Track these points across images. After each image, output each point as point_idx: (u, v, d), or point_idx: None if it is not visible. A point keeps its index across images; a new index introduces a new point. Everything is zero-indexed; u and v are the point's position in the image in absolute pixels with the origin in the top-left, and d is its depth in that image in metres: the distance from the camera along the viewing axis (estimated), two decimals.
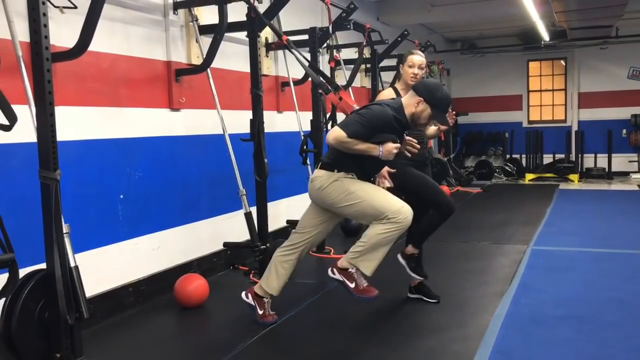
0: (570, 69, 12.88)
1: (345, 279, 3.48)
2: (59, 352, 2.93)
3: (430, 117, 3.45)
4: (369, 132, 3.34)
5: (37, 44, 2.84)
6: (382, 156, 3.37)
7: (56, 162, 2.90)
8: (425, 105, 3.41)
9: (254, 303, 3.79)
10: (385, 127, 3.37)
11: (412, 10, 9.26)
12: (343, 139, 3.32)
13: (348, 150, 3.38)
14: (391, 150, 3.36)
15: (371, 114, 3.37)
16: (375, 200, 3.39)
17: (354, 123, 3.36)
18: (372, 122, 3.34)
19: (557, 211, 7.98)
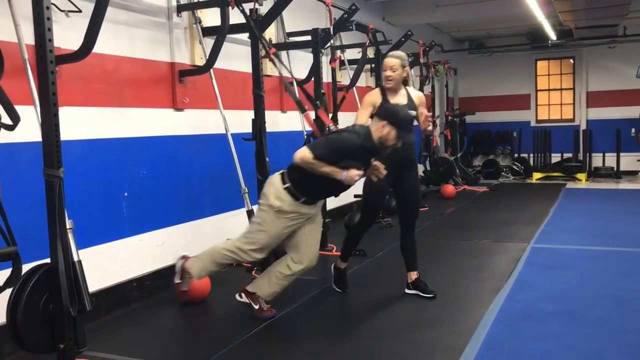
0: (579, 68, 12.88)
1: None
2: (62, 343, 3.04)
3: (396, 137, 3.62)
4: (334, 157, 3.55)
5: (42, 47, 2.94)
6: (344, 181, 3.58)
7: (60, 160, 3.01)
8: (390, 128, 3.60)
9: (248, 300, 3.91)
10: (351, 154, 3.58)
11: (417, 10, 9.33)
12: (309, 160, 3.54)
13: (313, 171, 3.57)
14: (353, 177, 3.56)
15: (339, 141, 3.60)
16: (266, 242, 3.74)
17: (322, 146, 3.59)
18: (339, 149, 3.57)
19: (561, 210, 8.02)
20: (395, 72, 4.13)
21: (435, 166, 10.42)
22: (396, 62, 4.14)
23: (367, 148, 3.62)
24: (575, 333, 3.43)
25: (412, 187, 4.27)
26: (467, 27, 11.75)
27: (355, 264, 5.29)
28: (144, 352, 3.45)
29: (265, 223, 3.70)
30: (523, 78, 13.30)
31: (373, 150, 3.68)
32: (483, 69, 13.44)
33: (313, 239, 3.87)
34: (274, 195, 3.67)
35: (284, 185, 3.66)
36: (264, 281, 3.91)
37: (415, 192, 4.31)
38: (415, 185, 4.31)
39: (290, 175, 3.68)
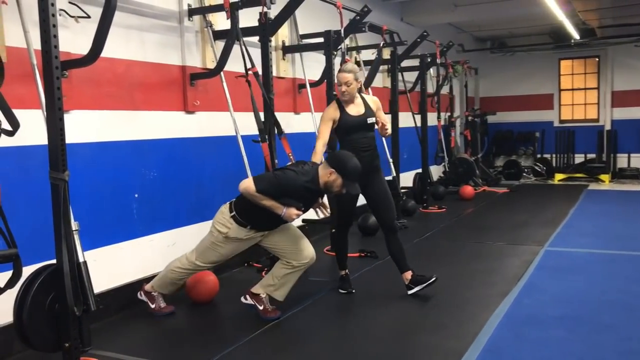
0: (604, 67, 12.64)
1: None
2: (67, 342, 3.12)
3: (342, 185, 3.76)
4: (277, 193, 3.71)
5: (48, 53, 3.02)
6: (284, 216, 3.73)
7: (65, 163, 3.07)
8: (336, 176, 3.73)
9: (253, 302, 3.99)
10: (294, 193, 3.73)
11: (436, 10, 9.28)
12: (252, 192, 3.70)
13: (255, 203, 3.71)
14: (292, 215, 3.72)
15: (284, 178, 3.73)
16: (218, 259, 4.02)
17: (266, 181, 3.75)
18: (282, 186, 3.70)
19: (580, 212, 7.91)
20: (350, 86, 4.28)
21: (454, 167, 10.36)
22: (350, 77, 4.28)
23: (311, 189, 3.78)
24: (579, 339, 3.40)
25: (380, 191, 4.38)
26: (488, 26, 11.63)
27: (366, 265, 5.31)
28: (148, 352, 3.52)
29: (215, 245, 3.94)
30: (546, 77, 13.12)
31: (317, 192, 3.84)
32: (505, 68, 13.29)
33: (290, 239, 3.98)
34: (221, 223, 3.88)
35: (230, 214, 3.86)
36: (272, 282, 3.99)
37: (384, 196, 4.40)
38: (383, 189, 4.40)
39: (237, 204, 3.87)
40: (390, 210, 4.41)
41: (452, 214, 8.13)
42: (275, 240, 3.99)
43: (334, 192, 3.85)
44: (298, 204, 3.74)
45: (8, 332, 3.26)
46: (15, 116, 2.66)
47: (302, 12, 6.14)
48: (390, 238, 4.40)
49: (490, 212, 8.39)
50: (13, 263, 2.58)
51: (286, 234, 3.99)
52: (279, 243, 3.98)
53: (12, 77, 3.45)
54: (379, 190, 4.37)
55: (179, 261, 4.07)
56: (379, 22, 7.61)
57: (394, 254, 4.41)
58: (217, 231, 3.90)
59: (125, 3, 4.23)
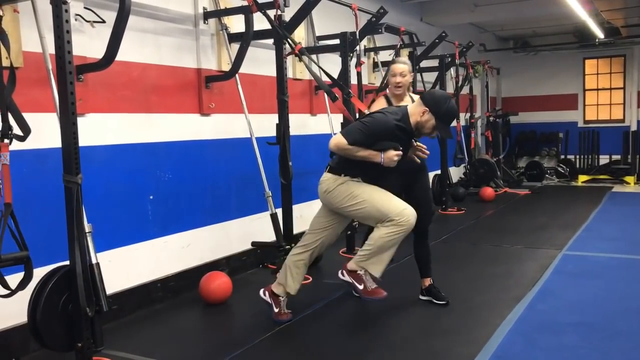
0: (630, 67, 12.43)
1: (355, 280, 3.64)
2: (80, 342, 3.18)
3: (434, 128, 3.56)
4: (370, 139, 3.46)
5: (62, 58, 3.07)
6: (383, 163, 3.49)
7: (78, 167, 3.13)
8: (430, 116, 3.52)
9: (271, 301, 3.97)
10: (387, 135, 3.48)
11: (456, 10, 9.22)
12: (344, 146, 3.47)
13: (350, 157, 3.51)
14: (392, 158, 3.47)
15: (373, 123, 3.49)
16: (378, 203, 3.52)
17: (355, 131, 3.49)
18: (373, 130, 3.46)
19: (602, 215, 7.78)
20: (405, 77, 4.15)
21: (474, 168, 10.27)
22: (405, 68, 4.16)
23: (403, 129, 3.52)
24: (592, 347, 3.34)
25: (422, 193, 4.23)
26: (510, 25, 11.51)
27: None
28: (160, 352, 3.56)
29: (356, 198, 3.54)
30: (570, 77, 12.93)
31: (410, 132, 3.59)
32: (528, 68, 13.13)
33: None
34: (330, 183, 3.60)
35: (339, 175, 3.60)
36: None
37: (427, 198, 4.27)
38: (427, 191, 4.28)
39: (337, 168, 3.62)
40: (429, 215, 4.27)
41: (471, 215, 8.06)
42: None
43: (425, 133, 3.61)
44: (395, 145, 3.49)
45: (23, 331, 3.33)
46: (27, 122, 2.71)
47: (319, 14, 6.15)
48: (420, 242, 4.29)
49: (510, 214, 8.30)
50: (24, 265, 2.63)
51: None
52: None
53: (29, 81, 3.54)
54: (423, 192, 4.22)
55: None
56: (399, 22, 7.59)
57: (420, 258, 4.31)
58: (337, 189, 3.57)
59: (140, 7, 4.28)
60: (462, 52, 8.93)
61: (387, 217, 3.48)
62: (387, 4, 6.22)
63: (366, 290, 3.60)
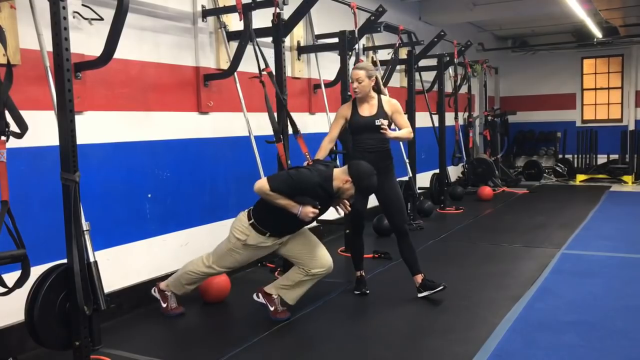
0: (628, 66, 12.44)
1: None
2: (78, 341, 3.16)
3: (352, 196, 3.84)
4: (291, 191, 3.69)
5: (59, 55, 3.05)
6: (300, 216, 3.70)
7: (76, 164, 3.11)
8: (351, 185, 3.76)
9: (265, 301, 3.99)
10: (308, 191, 3.71)
11: (454, 9, 9.22)
12: (266, 191, 3.69)
13: (270, 202, 3.71)
14: (308, 214, 3.68)
15: (297, 177, 3.72)
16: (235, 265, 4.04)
17: (280, 180, 3.73)
18: (296, 185, 3.69)
19: (600, 214, 7.79)
20: (362, 83, 4.25)
21: (472, 167, 10.28)
22: (361, 73, 4.26)
23: (325, 189, 3.75)
24: (591, 346, 3.34)
25: (390, 194, 4.33)
26: (509, 25, 11.52)
27: (379, 266, 5.29)
28: (158, 351, 3.55)
29: (233, 252, 3.94)
30: (568, 77, 12.94)
31: (331, 193, 3.80)
32: (526, 67, 13.14)
33: (308, 247, 3.97)
34: (239, 230, 3.88)
35: (249, 222, 3.84)
36: (286, 284, 4.00)
37: (396, 198, 4.35)
38: (393, 192, 4.35)
39: (255, 211, 3.87)
40: (400, 214, 4.36)
41: (470, 215, 8.06)
42: (292, 248, 3.97)
43: (343, 198, 3.87)
44: (314, 202, 3.71)
45: (21, 330, 3.31)
46: (24, 119, 2.70)
47: (318, 13, 6.15)
48: (401, 241, 4.37)
49: (508, 213, 8.31)
50: (21, 264, 2.62)
51: (304, 242, 3.98)
52: (296, 251, 3.96)
53: (26, 79, 3.52)
54: (389, 193, 4.33)
55: (195, 264, 4.08)
56: (397, 21, 7.58)
57: (405, 257, 4.39)
58: (236, 238, 3.89)
59: (139, 5, 4.27)
60: (460, 51, 8.93)
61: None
62: (386, 2, 6.22)
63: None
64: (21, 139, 2.74)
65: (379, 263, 5.42)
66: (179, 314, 4.13)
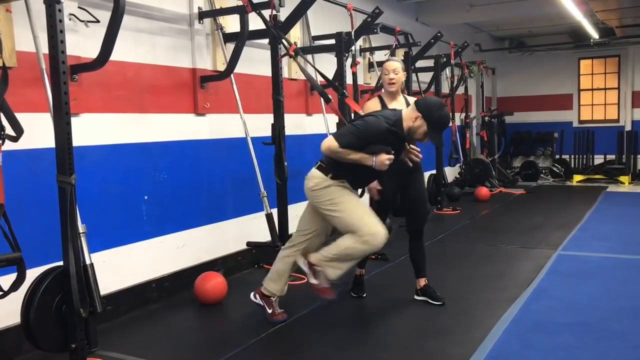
0: (624, 67, 12.46)
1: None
2: (74, 343, 3.16)
3: (425, 134, 3.57)
4: (361, 142, 3.47)
5: (55, 58, 3.05)
6: (375, 166, 3.49)
7: (72, 167, 3.11)
8: (422, 122, 3.52)
9: (262, 303, 3.97)
10: (379, 138, 3.48)
11: (451, 10, 9.23)
12: (335, 149, 3.47)
13: (341, 160, 3.51)
14: (384, 161, 3.46)
15: (364, 126, 3.49)
16: (354, 217, 3.54)
17: (347, 134, 3.50)
18: (365, 134, 3.46)
19: (597, 215, 7.80)
20: (398, 74, 4.16)
21: (469, 168, 10.29)
22: (398, 65, 4.18)
23: (395, 133, 3.52)
24: (587, 347, 3.34)
25: (417, 194, 4.23)
26: (506, 25, 11.52)
27: (375, 268, 5.29)
28: (154, 353, 3.55)
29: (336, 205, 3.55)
30: (565, 77, 12.96)
31: (402, 136, 3.59)
32: (523, 68, 13.16)
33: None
34: (317, 182, 3.59)
35: (328, 175, 3.57)
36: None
37: (422, 199, 4.27)
38: (421, 192, 4.28)
39: (327, 166, 3.59)
40: (424, 216, 4.27)
41: (467, 215, 8.07)
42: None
43: (416, 139, 3.63)
44: (387, 148, 3.47)
45: (17, 332, 3.31)
46: (19, 122, 2.70)
47: (315, 14, 6.15)
48: (415, 242, 4.29)
49: (505, 214, 8.32)
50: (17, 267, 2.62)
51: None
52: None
53: (22, 81, 3.52)
54: (418, 193, 4.22)
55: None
56: (394, 22, 7.59)
57: (415, 258, 4.30)
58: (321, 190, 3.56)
59: (135, 7, 4.27)
60: (457, 52, 8.94)
61: (358, 232, 3.49)
62: (382, 4, 6.24)
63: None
64: (17, 142, 2.73)
65: (375, 264, 5.42)
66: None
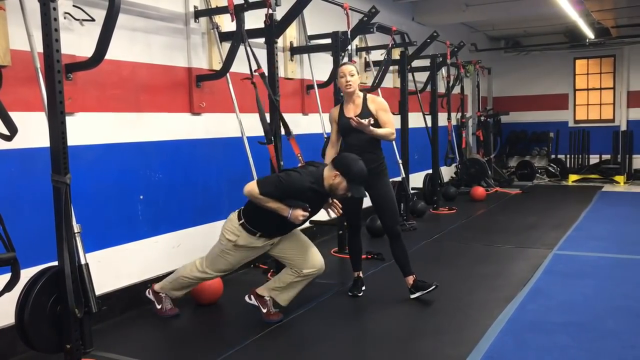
0: (620, 67, 12.50)
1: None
2: (69, 344, 3.15)
3: (346, 189, 3.73)
4: (280, 195, 3.67)
5: (50, 56, 3.03)
6: (290, 219, 3.68)
7: (67, 166, 3.09)
8: (341, 179, 3.70)
9: (257, 303, 3.99)
10: (299, 195, 3.69)
11: (447, 10, 9.23)
12: (256, 195, 3.67)
13: (260, 205, 3.68)
14: (298, 217, 3.67)
15: (287, 181, 3.69)
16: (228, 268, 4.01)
17: (270, 183, 3.71)
18: (286, 188, 3.67)
19: (592, 214, 7.82)
20: (354, 76, 4.24)
21: (465, 168, 10.30)
22: (353, 68, 4.26)
23: (317, 191, 3.73)
24: (582, 347, 3.35)
25: (383, 196, 4.32)
26: (502, 25, 11.54)
27: (372, 268, 5.28)
28: (150, 353, 3.55)
29: (225, 253, 3.91)
30: (561, 77, 12.99)
31: (324, 193, 3.78)
32: (519, 67, 13.18)
33: (299, 248, 3.96)
34: (229, 231, 3.85)
35: (239, 222, 3.82)
36: (278, 286, 3.99)
37: (388, 199, 4.34)
38: (385, 193, 4.34)
39: (246, 211, 3.84)
40: (392, 215, 4.35)
41: (462, 215, 8.08)
42: (284, 249, 3.96)
43: (339, 195, 3.81)
44: (304, 205, 3.69)
45: (11, 333, 3.29)
46: (13, 121, 2.68)
47: (311, 13, 6.14)
48: (393, 243, 4.37)
49: (501, 213, 8.33)
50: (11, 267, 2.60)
51: (295, 243, 3.97)
52: (288, 251, 3.96)
53: (16, 80, 3.50)
54: (381, 195, 4.32)
55: (188, 269, 4.05)
56: (391, 22, 7.59)
57: (397, 258, 4.38)
58: (226, 239, 3.87)
59: (130, 6, 4.25)
60: (453, 52, 8.94)
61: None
62: (378, 3, 6.22)
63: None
64: (10, 141, 2.71)
65: (371, 264, 5.42)
66: (173, 315, 4.12)
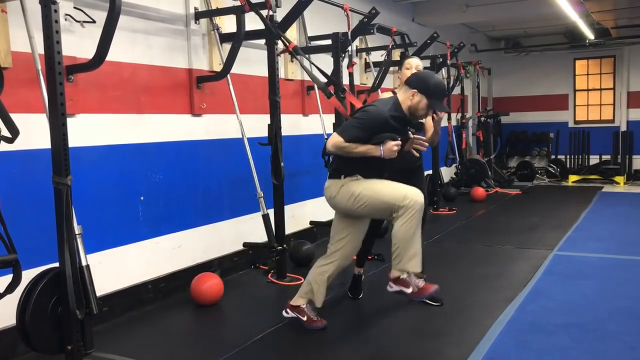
0: (620, 68, 12.49)
1: (402, 287, 3.48)
2: (70, 345, 3.15)
3: (428, 107, 3.50)
4: (366, 134, 3.43)
5: (51, 58, 3.04)
6: (383, 155, 3.43)
7: (68, 168, 3.10)
8: (420, 96, 3.46)
9: (295, 314, 3.83)
10: (382, 126, 3.43)
11: (447, 11, 9.23)
12: (341, 144, 3.43)
13: (349, 155, 3.47)
14: (391, 149, 3.41)
15: (366, 116, 3.46)
16: (380, 195, 3.48)
17: (350, 127, 3.46)
18: (368, 124, 3.43)
19: (592, 215, 7.82)
20: None
21: (465, 168, 10.30)
22: (420, 63, 4.12)
23: (397, 117, 3.48)
24: (583, 348, 3.35)
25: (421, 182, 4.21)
26: (502, 26, 11.54)
27: (372, 268, 5.28)
28: (151, 354, 3.54)
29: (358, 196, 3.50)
30: (561, 78, 12.99)
31: (405, 119, 3.54)
32: (519, 68, 13.18)
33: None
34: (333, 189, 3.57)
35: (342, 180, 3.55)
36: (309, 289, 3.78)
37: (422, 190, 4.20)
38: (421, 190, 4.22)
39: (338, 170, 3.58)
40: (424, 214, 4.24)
41: (463, 215, 8.08)
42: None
43: (420, 115, 3.55)
44: (392, 136, 3.43)
45: (12, 334, 3.30)
46: (15, 123, 2.68)
47: (312, 15, 6.14)
48: None
49: (501, 214, 8.33)
50: (13, 268, 2.60)
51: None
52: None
53: (17, 82, 3.51)
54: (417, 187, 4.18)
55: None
56: (391, 23, 7.59)
57: None
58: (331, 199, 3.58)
59: (131, 7, 4.26)
60: (453, 53, 8.95)
61: (394, 205, 3.42)
62: (379, 4, 6.23)
63: (416, 291, 3.44)
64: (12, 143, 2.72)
65: (372, 265, 5.41)
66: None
